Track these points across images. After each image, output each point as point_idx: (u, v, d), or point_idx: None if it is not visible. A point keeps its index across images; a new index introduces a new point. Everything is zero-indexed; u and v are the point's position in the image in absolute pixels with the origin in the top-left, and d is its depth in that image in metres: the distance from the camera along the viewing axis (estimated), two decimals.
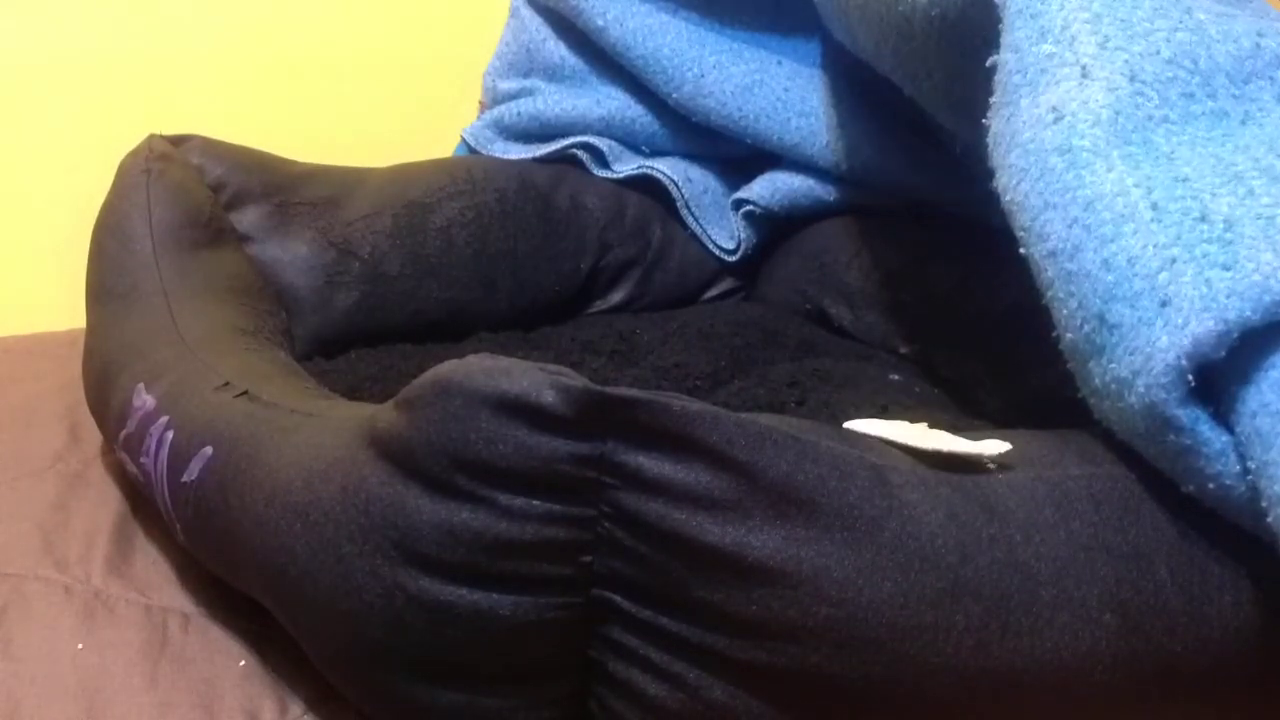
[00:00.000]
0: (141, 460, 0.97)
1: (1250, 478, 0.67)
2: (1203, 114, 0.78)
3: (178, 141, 1.37)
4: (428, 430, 0.69)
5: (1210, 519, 0.72)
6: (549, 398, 0.67)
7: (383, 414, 0.73)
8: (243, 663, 0.87)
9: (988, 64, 0.88)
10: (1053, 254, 0.76)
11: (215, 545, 0.87)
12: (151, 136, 1.35)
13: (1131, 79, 0.78)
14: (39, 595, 0.95)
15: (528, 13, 1.68)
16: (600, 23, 1.55)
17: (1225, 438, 0.68)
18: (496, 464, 0.67)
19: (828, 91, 1.52)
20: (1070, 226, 0.74)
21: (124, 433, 1.00)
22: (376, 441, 0.72)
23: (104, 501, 1.09)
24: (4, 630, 0.91)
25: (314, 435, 0.80)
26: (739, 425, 0.68)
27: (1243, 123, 0.78)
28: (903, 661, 0.68)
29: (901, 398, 1.19)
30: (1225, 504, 0.70)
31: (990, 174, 0.86)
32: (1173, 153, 0.74)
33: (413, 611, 0.71)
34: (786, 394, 1.18)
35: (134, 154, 1.31)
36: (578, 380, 0.68)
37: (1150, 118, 0.76)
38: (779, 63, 1.53)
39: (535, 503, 0.68)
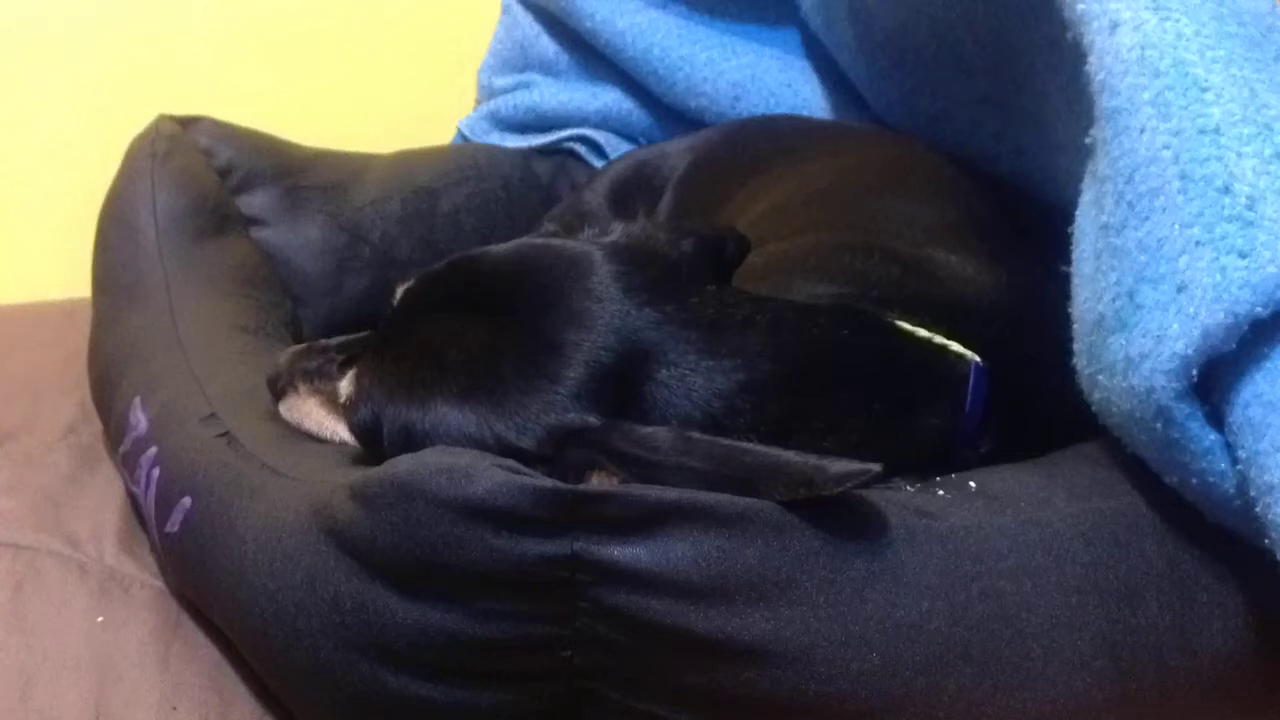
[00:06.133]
0: (133, 489, 0.96)
1: (1239, 468, 0.65)
2: (1235, 35, 0.75)
3: (186, 123, 1.33)
4: (392, 535, 0.65)
5: (1195, 542, 0.71)
6: (514, 500, 0.63)
7: (339, 504, 0.69)
8: None
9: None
10: (1105, 227, 0.74)
11: (201, 600, 0.86)
12: (160, 117, 1.31)
13: (1156, 9, 0.75)
14: (54, 571, 0.93)
15: (519, 10, 1.64)
16: (589, 24, 1.51)
17: (1214, 436, 0.67)
18: (465, 568, 0.64)
19: (819, 83, 1.49)
20: (1118, 202, 0.73)
21: (122, 448, 0.98)
22: (337, 534, 0.69)
23: (114, 476, 1.07)
24: (19, 605, 0.89)
25: (276, 506, 0.76)
26: (714, 508, 0.65)
27: (1276, 59, 0.75)
28: None
29: None
30: (1207, 499, 0.69)
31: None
32: (1206, 79, 0.71)
33: (394, 705, 0.68)
34: None
35: (141, 136, 1.28)
36: (543, 481, 0.64)
37: (1181, 35, 0.73)
38: (771, 56, 1.49)
39: (508, 604, 0.65)
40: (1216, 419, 0.67)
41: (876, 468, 0.65)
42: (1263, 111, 0.70)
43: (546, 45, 1.61)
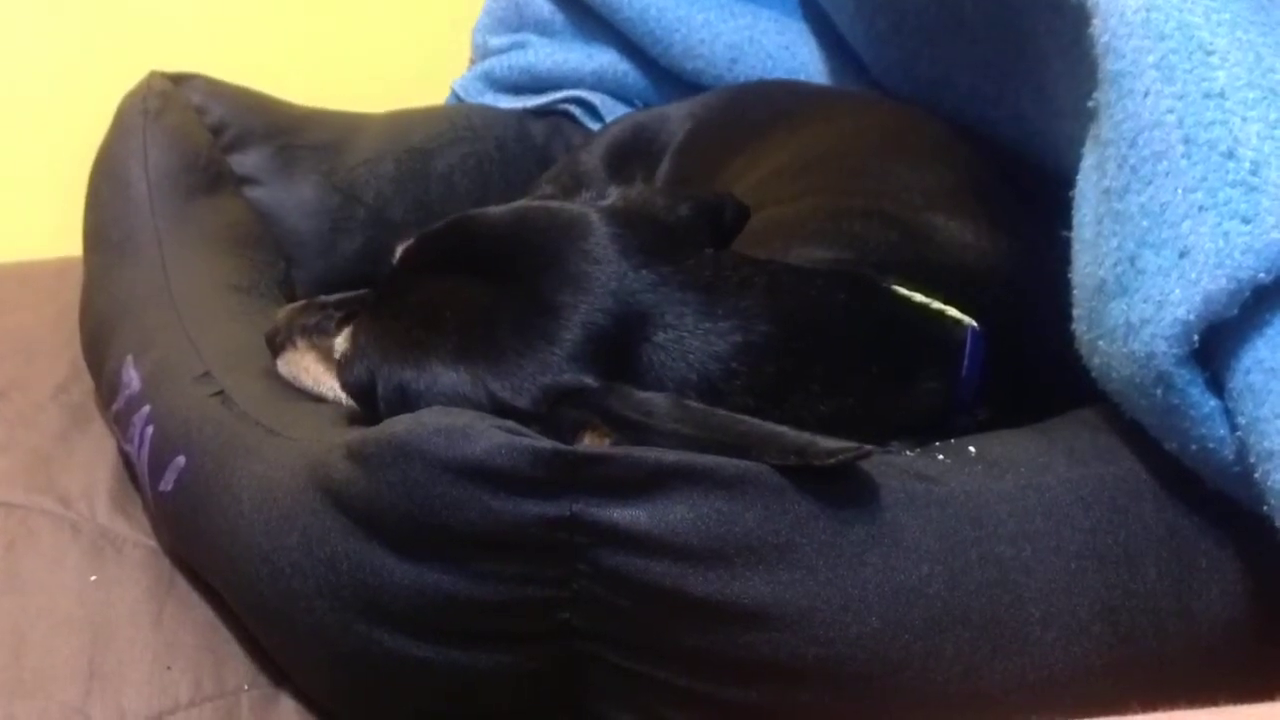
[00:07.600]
0: (126, 448, 0.96)
1: (1238, 434, 0.65)
2: None
3: (179, 80, 1.31)
4: (389, 495, 0.64)
5: (1194, 508, 0.70)
6: (513, 461, 0.62)
7: (336, 464, 0.68)
8: None
9: None
10: (1107, 192, 0.73)
11: (194, 559, 0.85)
12: (152, 74, 1.29)
13: None
14: (46, 530, 0.93)
15: None
16: None
17: (1214, 402, 0.67)
18: (463, 530, 0.63)
19: (817, 46, 1.47)
20: (1121, 166, 0.72)
21: (114, 407, 0.98)
22: (334, 494, 0.68)
23: (106, 435, 1.06)
24: (12, 563, 0.89)
25: (272, 465, 0.75)
26: (714, 471, 0.64)
27: None
28: (893, 693, 0.66)
29: None
30: (1206, 465, 0.68)
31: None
32: (1211, 43, 0.70)
33: (390, 665, 0.68)
34: None
35: (133, 93, 1.26)
36: (543, 442, 0.64)
37: None
38: (769, 18, 1.47)
39: (506, 566, 0.64)
40: (1216, 385, 0.67)
41: (869, 448, 0.65)
42: (1268, 76, 0.69)
43: (542, 5, 1.58)
